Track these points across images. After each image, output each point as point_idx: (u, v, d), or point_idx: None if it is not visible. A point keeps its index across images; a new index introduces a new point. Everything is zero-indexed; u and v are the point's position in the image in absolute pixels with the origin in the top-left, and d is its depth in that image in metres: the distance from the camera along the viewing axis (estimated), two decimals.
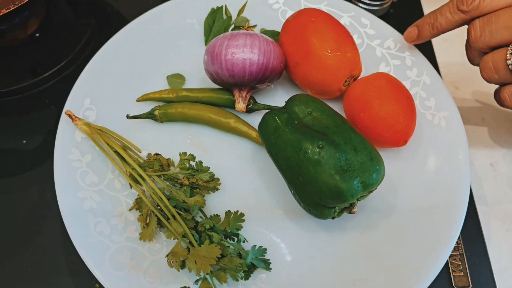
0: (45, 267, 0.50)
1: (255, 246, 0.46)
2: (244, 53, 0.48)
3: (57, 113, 0.60)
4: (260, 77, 0.50)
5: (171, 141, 0.53)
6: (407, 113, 0.48)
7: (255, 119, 0.54)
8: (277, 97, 0.56)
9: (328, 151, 0.42)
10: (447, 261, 0.49)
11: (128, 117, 0.53)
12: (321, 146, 0.42)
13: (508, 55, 0.43)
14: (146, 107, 0.55)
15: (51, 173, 0.50)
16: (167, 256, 0.44)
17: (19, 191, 0.55)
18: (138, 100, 0.54)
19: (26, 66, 0.63)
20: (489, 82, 0.46)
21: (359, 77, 0.52)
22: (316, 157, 0.42)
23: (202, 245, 0.43)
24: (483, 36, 0.44)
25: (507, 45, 0.43)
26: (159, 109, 0.53)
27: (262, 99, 0.56)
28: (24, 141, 0.58)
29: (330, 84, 0.51)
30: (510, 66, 0.43)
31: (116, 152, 0.49)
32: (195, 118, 0.53)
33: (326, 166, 0.42)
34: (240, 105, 0.52)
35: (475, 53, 0.47)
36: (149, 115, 0.53)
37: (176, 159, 0.50)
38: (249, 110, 0.54)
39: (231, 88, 0.52)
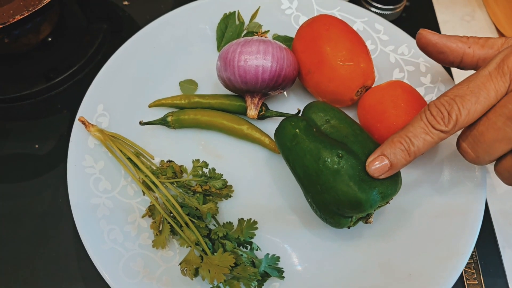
0: (58, 273, 0.50)
1: (268, 254, 0.45)
2: (257, 60, 0.48)
3: (69, 118, 0.60)
4: (273, 84, 0.49)
5: (184, 148, 0.53)
6: None
7: (267, 126, 0.54)
8: (290, 104, 0.56)
9: (348, 160, 0.42)
10: None
11: (141, 123, 0.53)
12: (340, 155, 0.42)
13: None
14: (159, 113, 0.54)
15: (64, 178, 0.50)
16: (180, 264, 0.44)
17: (32, 196, 0.55)
18: (150, 106, 0.54)
19: (39, 71, 0.63)
20: None
21: (373, 85, 0.52)
22: (335, 166, 0.42)
23: (215, 254, 0.43)
24: (481, 157, 0.40)
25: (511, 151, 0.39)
26: (172, 116, 0.53)
27: (274, 106, 0.55)
28: (37, 146, 0.58)
29: (342, 94, 0.50)
30: None
31: (129, 158, 0.49)
32: (208, 124, 0.53)
33: (345, 175, 0.41)
34: (252, 111, 0.51)
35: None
36: (162, 121, 0.53)
37: (189, 166, 0.50)
38: (261, 117, 0.53)
39: (243, 94, 0.52)
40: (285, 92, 0.56)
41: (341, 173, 0.41)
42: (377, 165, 0.41)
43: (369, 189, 0.41)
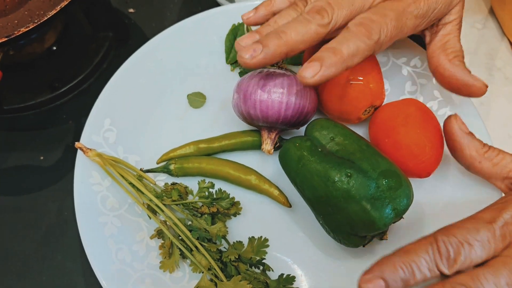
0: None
1: (282, 274, 0.44)
2: (282, 96, 0.45)
3: (74, 128, 0.59)
4: (294, 121, 0.47)
5: None
6: (434, 144, 0.46)
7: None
8: None
9: (357, 179, 0.41)
10: None
11: (142, 171, 0.51)
12: (349, 174, 0.41)
13: None
14: (168, 136, 0.53)
15: (69, 190, 0.49)
16: None
17: (37, 208, 0.54)
18: (158, 162, 0.52)
19: (44, 81, 0.62)
20: None
21: (385, 101, 0.51)
22: (345, 186, 0.41)
23: (229, 279, 0.42)
24: None
25: None
26: (174, 163, 0.51)
27: None
28: (42, 157, 0.57)
29: (349, 113, 0.49)
30: None
31: (131, 183, 0.48)
32: (212, 173, 0.50)
33: (356, 195, 0.40)
34: (268, 146, 0.49)
35: None
36: (164, 169, 0.51)
37: (194, 187, 0.49)
38: (275, 149, 0.51)
39: (259, 128, 0.50)
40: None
41: (351, 193, 0.40)
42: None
43: (382, 207, 0.40)
